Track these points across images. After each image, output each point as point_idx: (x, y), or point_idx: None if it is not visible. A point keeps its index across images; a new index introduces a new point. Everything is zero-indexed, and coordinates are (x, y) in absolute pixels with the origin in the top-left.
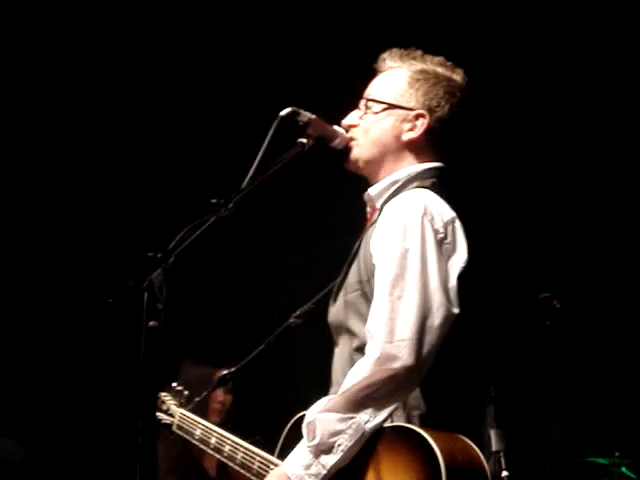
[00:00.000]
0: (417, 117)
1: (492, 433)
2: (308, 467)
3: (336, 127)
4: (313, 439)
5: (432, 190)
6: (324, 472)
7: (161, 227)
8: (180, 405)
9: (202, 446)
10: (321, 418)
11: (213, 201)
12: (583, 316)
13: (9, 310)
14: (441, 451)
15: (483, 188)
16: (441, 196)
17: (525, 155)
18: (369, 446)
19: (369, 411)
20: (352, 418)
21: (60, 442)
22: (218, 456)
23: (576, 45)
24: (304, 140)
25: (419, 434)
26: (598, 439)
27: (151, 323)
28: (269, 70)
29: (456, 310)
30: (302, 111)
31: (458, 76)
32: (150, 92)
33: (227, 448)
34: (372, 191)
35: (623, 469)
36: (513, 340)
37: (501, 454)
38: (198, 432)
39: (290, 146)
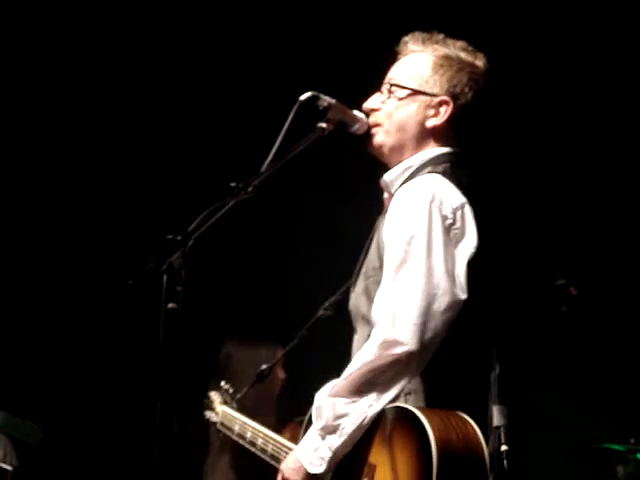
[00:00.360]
0: (441, 104)
1: (494, 409)
2: (316, 449)
3: (356, 112)
4: (319, 422)
5: (443, 175)
6: (330, 454)
7: (181, 210)
8: (224, 403)
9: (240, 440)
10: (327, 402)
11: (232, 185)
12: (600, 303)
13: (28, 293)
14: (432, 428)
15: (499, 172)
16: (452, 181)
17: (542, 137)
18: (370, 428)
19: (373, 395)
20: (355, 402)
21: (79, 425)
22: (253, 449)
23: (594, 35)
24: (324, 125)
25: (413, 413)
26: (613, 425)
27: (170, 305)
28: (289, 54)
29: (463, 296)
30: (322, 95)
31: (480, 62)
32: (172, 76)
33: (260, 441)
34: (387, 177)
35: (638, 455)
36: (527, 325)
37: (501, 429)
38: (236, 428)
39: (309, 130)
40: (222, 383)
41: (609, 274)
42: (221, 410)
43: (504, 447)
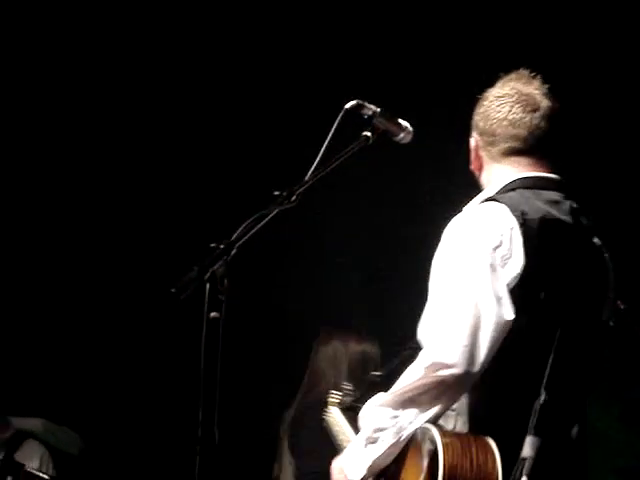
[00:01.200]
0: (475, 141)
1: (527, 439)
2: (358, 456)
3: (401, 121)
4: (363, 431)
5: (502, 201)
6: (369, 463)
7: (225, 218)
8: (338, 403)
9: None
10: (371, 413)
11: (276, 193)
12: None
13: (71, 302)
14: (445, 452)
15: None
16: (510, 206)
17: (594, 153)
18: (407, 444)
19: (413, 412)
20: (397, 417)
21: (120, 435)
22: None
23: None
24: (368, 133)
25: (433, 434)
26: None
27: (212, 314)
28: (334, 62)
29: (509, 316)
30: (367, 104)
31: (499, 84)
32: (219, 84)
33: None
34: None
35: None
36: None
37: (527, 460)
38: (333, 431)
39: (354, 139)
40: (345, 384)
41: None
42: (332, 410)
43: (524, 479)
